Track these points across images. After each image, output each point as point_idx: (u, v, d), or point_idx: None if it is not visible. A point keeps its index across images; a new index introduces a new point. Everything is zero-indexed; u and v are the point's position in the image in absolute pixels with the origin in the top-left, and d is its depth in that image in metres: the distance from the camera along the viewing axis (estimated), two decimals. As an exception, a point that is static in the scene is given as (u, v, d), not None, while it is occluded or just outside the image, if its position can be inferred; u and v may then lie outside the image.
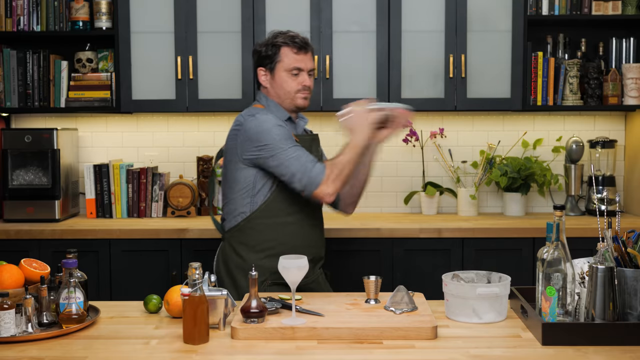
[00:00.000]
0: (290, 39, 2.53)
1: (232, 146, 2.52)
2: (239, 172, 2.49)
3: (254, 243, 2.50)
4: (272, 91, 2.57)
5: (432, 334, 1.88)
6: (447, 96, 3.61)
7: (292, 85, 2.53)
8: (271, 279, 2.46)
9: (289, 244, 2.48)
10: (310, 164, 2.39)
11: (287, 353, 1.78)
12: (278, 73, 2.54)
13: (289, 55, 2.53)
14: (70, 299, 1.94)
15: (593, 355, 1.74)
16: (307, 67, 2.55)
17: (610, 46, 3.76)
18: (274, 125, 2.45)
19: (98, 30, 3.68)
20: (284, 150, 2.41)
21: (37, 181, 3.63)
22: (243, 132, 2.47)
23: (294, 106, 2.56)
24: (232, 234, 2.54)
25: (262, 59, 2.56)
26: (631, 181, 3.86)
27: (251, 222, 2.50)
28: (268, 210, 2.49)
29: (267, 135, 2.43)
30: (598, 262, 1.87)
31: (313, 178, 2.37)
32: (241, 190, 2.50)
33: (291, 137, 2.46)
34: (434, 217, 3.76)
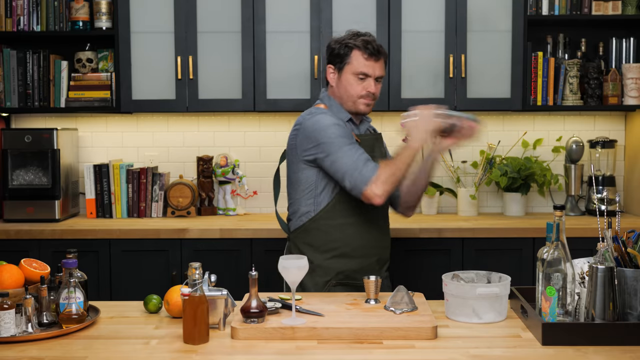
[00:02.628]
0: (363, 43, 2.48)
1: (292, 146, 2.51)
2: (300, 173, 2.49)
3: (319, 244, 2.49)
4: (337, 91, 2.53)
5: (432, 334, 1.88)
6: (447, 96, 3.61)
7: (356, 89, 2.49)
8: (336, 279, 2.47)
9: (354, 244, 2.47)
10: (362, 162, 2.35)
11: (287, 353, 1.78)
12: (345, 74, 2.50)
13: (359, 59, 2.48)
14: (70, 299, 1.94)
15: (593, 355, 1.74)
16: (376, 74, 2.49)
17: (610, 46, 3.76)
18: (331, 123, 2.42)
19: (98, 30, 3.68)
20: (339, 149, 2.37)
21: (37, 181, 3.63)
22: (302, 132, 2.46)
23: (355, 110, 2.52)
24: (297, 234, 2.53)
25: (333, 56, 2.53)
26: (631, 181, 3.86)
27: (316, 223, 2.49)
28: (333, 211, 2.47)
29: (324, 133, 2.40)
30: (598, 262, 1.86)
31: (363, 177, 2.33)
32: (304, 191, 2.49)
33: (349, 136, 2.43)
34: (434, 217, 3.77)
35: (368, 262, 2.51)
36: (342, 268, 2.47)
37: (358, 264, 2.49)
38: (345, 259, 2.48)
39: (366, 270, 2.46)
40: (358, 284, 2.45)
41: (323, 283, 2.47)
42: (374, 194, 2.32)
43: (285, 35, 3.61)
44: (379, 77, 2.52)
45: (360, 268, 2.48)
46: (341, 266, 2.47)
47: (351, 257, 2.48)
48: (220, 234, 3.38)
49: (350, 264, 2.48)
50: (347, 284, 2.48)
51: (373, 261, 2.52)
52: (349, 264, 2.47)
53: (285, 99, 3.62)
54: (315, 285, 2.46)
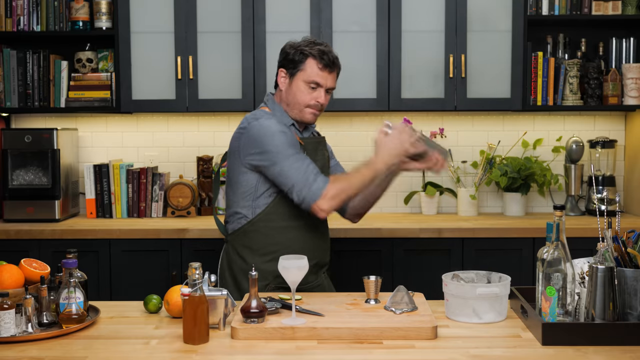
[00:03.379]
0: (319, 52, 2.45)
1: (234, 148, 2.48)
2: (241, 176, 2.46)
3: (257, 247, 2.47)
4: (285, 96, 2.51)
5: (432, 334, 1.88)
6: (447, 96, 3.61)
7: (305, 98, 2.46)
8: (274, 283, 2.44)
9: (293, 247, 2.44)
10: (312, 176, 2.33)
11: (287, 353, 1.78)
12: (297, 81, 2.47)
13: (313, 68, 2.45)
14: (70, 299, 1.94)
15: (593, 355, 1.74)
16: (327, 84, 2.47)
17: (610, 46, 3.76)
18: (278, 131, 2.39)
19: (98, 30, 3.68)
20: (286, 159, 2.35)
21: (37, 181, 3.63)
22: (246, 136, 2.43)
23: (300, 118, 2.50)
24: (235, 237, 2.52)
25: (287, 61, 2.50)
26: (631, 181, 3.86)
27: (254, 226, 2.47)
28: (271, 214, 2.46)
29: (270, 140, 2.38)
30: (598, 262, 1.86)
31: (312, 192, 2.32)
32: (244, 194, 2.47)
33: (295, 145, 2.41)
34: (434, 217, 3.77)
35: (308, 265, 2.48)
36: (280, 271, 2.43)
37: None
38: None
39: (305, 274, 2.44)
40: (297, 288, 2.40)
41: (261, 287, 2.42)
42: (319, 209, 2.33)
43: (285, 35, 3.56)
44: (329, 89, 2.49)
45: None
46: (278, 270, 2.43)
47: None
48: (220, 234, 3.37)
49: None
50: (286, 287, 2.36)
51: (312, 265, 2.46)
52: None
53: (285, 99, 3.61)
54: None
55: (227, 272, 2.55)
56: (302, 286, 2.31)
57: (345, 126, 3.92)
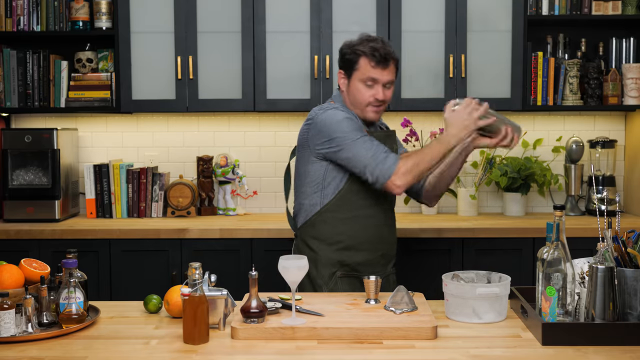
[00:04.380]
0: (371, 50, 2.45)
1: (303, 140, 2.52)
2: (309, 166, 2.49)
3: (325, 236, 2.50)
4: (347, 97, 2.54)
5: (432, 334, 1.88)
6: (447, 96, 3.60)
7: (365, 97, 2.47)
8: (341, 271, 2.49)
9: (360, 238, 2.48)
10: (383, 154, 2.36)
11: (287, 353, 1.78)
12: (354, 81, 2.48)
13: (366, 67, 2.45)
14: (70, 299, 1.94)
15: (593, 355, 1.74)
16: (384, 79, 2.47)
17: (610, 46, 3.76)
18: (344, 117, 2.42)
19: (98, 30, 3.68)
20: (354, 142, 2.38)
21: (37, 181, 3.63)
22: (314, 126, 2.47)
23: (363, 117, 2.51)
24: (304, 229, 2.55)
25: (343, 62, 2.52)
26: (631, 181, 3.86)
27: (322, 216, 2.50)
28: (339, 204, 2.48)
29: (336, 127, 2.41)
30: (598, 262, 1.86)
31: (385, 170, 2.34)
32: (311, 184, 2.50)
33: (362, 129, 2.43)
34: (434, 217, 3.76)
35: (373, 256, 2.52)
36: (348, 261, 2.49)
37: (363, 257, 2.50)
38: (351, 252, 2.49)
39: (371, 264, 2.48)
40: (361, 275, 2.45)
41: (329, 275, 2.48)
42: (394, 185, 2.35)
43: (285, 35, 3.61)
44: (387, 83, 2.49)
45: (365, 261, 2.50)
46: (346, 259, 2.49)
47: (357, 250, 2.49)
48: (220, 234, 3.38)
49: (356, 257, 2.49)
50: (353, 276, 2.49)
51: (378, 255, 2.53)
52: (354, 257, 2.49)
53: (285, 99, 3.62)
54: (321, 277, 2.47)
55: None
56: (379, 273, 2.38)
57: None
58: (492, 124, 2.37)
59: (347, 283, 2.48)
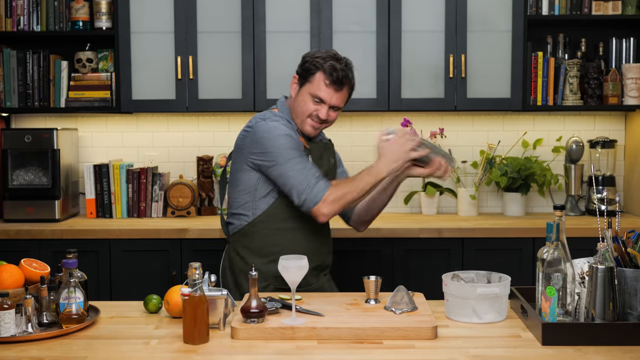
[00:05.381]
0: (330, 68, 2.41)
1: (239, 147, 2.49)
2: (242, 174, 2.46)
3: (257, 248, 2.47)
4: (292, 103, 2.51)
5: (432, 334, 1.88)
6: (447, 96, 3.61)
7: (308, 109, 2.44)
8: (275, 284, 2.44)
9: (292, 249, 2.41)
10: (313, 179, 2.32)
11: (287, 353, 1.78)
12: (303, 91, 2.45)
13: (319, 83, 2.42)
14: (70, 299, 1.94)
15: (593, 355, 1.74)
16: (332, 102, 2.43)
17: (610, 46, 3.76)
18: (283, 134, 2.38)
19: (98, 30, 3.68)
20: (288, 161, 2.34)
21: (37, 181, 3.63)
22: (252, 135, 2.43)
23: (301, 129, 2.48)
24: (236, 237, 2.51)
25: (301, 69, 2.48)
26: (631, 181, 3.86)
27: (255, 227, 2.46)
28: (271, 216, 2.45)
29: (274, 142, 2.37)
30: (598, 262, 1.86)
31: (313, 196, 2.31)
32: (243, 191, 2.46)
33: (299, 148, 2.39)
34: (434, 217, 3.77)
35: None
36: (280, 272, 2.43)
37: None
38: None
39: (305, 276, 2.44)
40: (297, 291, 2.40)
41: (261, 288, 2.42)
42: (320, 213, 2.32)
43: (285, 35, 3.61)
44: (334, 107, 2.45)
45: None
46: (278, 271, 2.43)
47: None
48: (220, 234, 3.37)
49: None
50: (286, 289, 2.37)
51: (311, 267, 2.46)
52: None
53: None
54: None
55: (228, 272, 2.55)
56: (302, 288, 2.31)
57: (346, 126, 3.92)
58: (425, 155, 2.34)
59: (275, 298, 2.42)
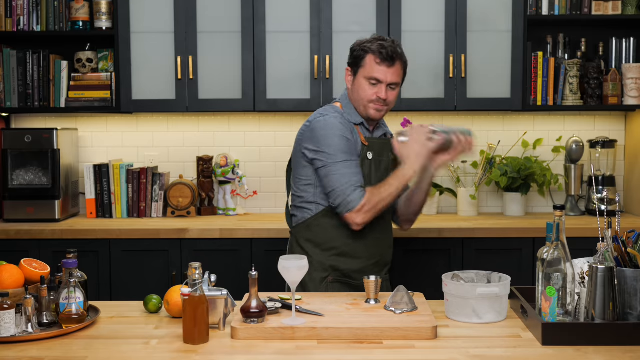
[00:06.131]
0: (378, 47, 2.45)
1: (299, 141, 2.53)
2: (302, 169, 2.50)
3: (320, 241, 2.50)
4: (351, 94, 2.53)
5: (432, 334, 1.88)
6: (447, 96, 3.61)
7: (367, 94, 2.47)
8: (334, 276, 2.48)
9: (354, 245, 2.48)
10: (351, 187, 2.37)
11: (287, 353, 1.78)
12: (359, 78, 2.49)
13: (371, 64, 2.45)
14: (70, 299, 1.94)
15: (593, 355, 1.74)
16: (388, 80, 2.46)
17: (610, 46, 3.76)
18: (339, 134, 2.43)
19: (98, 30, 3.68)
20: (335, 164, 2.40)
21: (37, 181, 3.63)
22: (310, 129, 2.48)
23: (365, 115, 2.51)
24: (299, 230, 2.55)
25: (352, 59, 2.52)
26: (631, 181, 3.86)
27: (317, 221, 2.50)
28: (334, 210, 2.47)
29: (328, 141, 2.42)
30: (598, 262, 1.86)
31: (347, 203, 2.37)
32: (306, 187, 2.50)
33: (351, 151, 2.43)
34: (434, 217, 3.76)
35: (367, 263, 2.51)
36: (341, 267, 2.48)
37: (357, 264, 2.49)
38: (345, 258, 2.49)
39: (365, 272, 2.46)
40: (356, 283, 2.46)
41: (320, 279, 2.48)
42: (353, 222, 2.40)
43: (285, 35, 3.61)
44: (392, 84, 2.48)
45: (358, 269, 2.49)
46: (340, 265, 2.48)
47: (350, 257, 2.49)
48: (220, 234, 3.38)
49: (349, 264, 2.48)
50: (345, 282, 2.49)
51: (372, 263, 2.52)
52: (347, 264, 2.48)
53: (285, 99, 3.62)
54: (312, 281, 2.46)
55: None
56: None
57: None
58: (443, 141, 2.36)
59: (338, 288, 2.46)
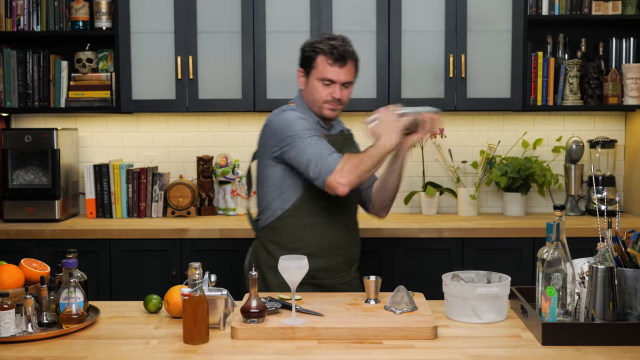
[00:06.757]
0: (329, 47, 2.45)
1: (261, 144, 2.53)
2: (267, 170, 2.49)
3: (284, 242, 2.48)
4: (305, 95, 2.54)
5: (432, 334, 1.88)
6: (447, 96, 3.61)
7: (321, 95, 2.47)
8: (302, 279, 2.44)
9: (320, 244, 2.46)
10: (327, 152, 2.35)
11: (287, 353, 1.78)
12: (311, 79, 2.49)
13: (324, 65, 2.45)
14: (70, 299, 1.94)
15: (593, 355, 1.74)
16: (341, 79, 2.47)
17: (610, 46, 3.76)
18: (297, 117, 2.43)
19: (98, 30, 3.68)
20: (303, 140, 2.37)
21: (37, 181, 3.63)
22: (269, 129, 2.48)
23: (320, 115, 2.52)
24: (264, 232, 2.54)
25: (302, 59, 2.52)
26: (631, 181, 3.86)
27: (283, 221, 2.48)
28: (299, 210, 2.47)
29: (289, 127, 2.41)
30: (598, 262, 1.87)
31: (327, 165, 2.32)
32: (270, 188, 2.49)
33: (315, 129, 2.42)
34: (434, 217, 3.76)
35: (334, 261, 2.50)
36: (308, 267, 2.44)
37: (324, 262, 2.47)
38: (312, 259, 2.39)
39: (333, 270, 2.45)
40: (324, 283, 2.45)
41: None
42: (337, 183, 2.30)
43: (285, 35, 3.61)
44: (345, 83, 2.49)
45: (326, 267, 2.47)
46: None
47: (317, 257, 2.44)
48: (220, 234, 3.38)
49: (317, 263, 2.42)
50: (313, 283, 2.45)
51: (340, 261, 2.51)
52: (315, 263, 2.37)
53: (285, 99, 3.57)
54: (280, 285, 2.40)
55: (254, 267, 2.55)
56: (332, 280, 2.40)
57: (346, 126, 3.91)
58: (413, 119, 2.39)
59: (308, 290, 2.40)
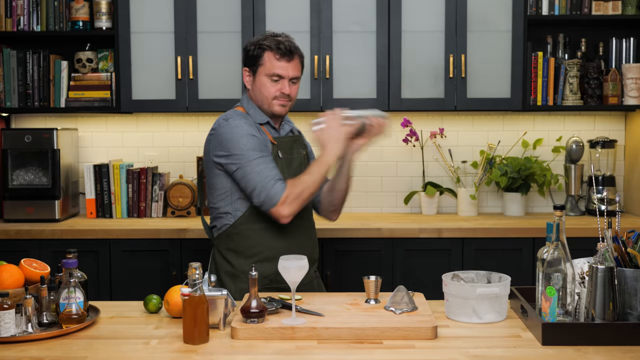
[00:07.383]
0: (275, 43, 2.45)
1: (206, 151, 2.49)
2: (215, 179, 2.46)
3: (242, 249, 2.46)
4: (253, 94, 2.51)
5: (432, 334, 1.88)
6: (447, 96, 3.61)
7: (270, 91, 2.46)
8: (261, 284, 2.42)
9: (277, 248, 2.43)
10: (271, 181, 2.34)
11: (287, 353, 1.78)
12: (259, 77, 2.47)
13: (271, 61, 2.45)
14: (70, 299, 1.94)
15: (593, 355, 1.74)
16: (289, 74, 2.46)
17: (610, 46, 3.76)
18: (245, 134, 2.40)
19: (98, 30, 3.68)
20: (249, 162, 2.36)
21: (37, 181, 3.63)
22: (216, 137, 2.44)
23: (270, 112, 2.50)
24: (220, 240, 2.51)
25: (248, 58, 2.51)
26: (631, 181, 3.86)
27: (237, 228, 2.46)
28: (252, 216, 2.44)
29: (236, 144, 2.39)
30: (598, 262, 1.87)
31: (271, 197, 2.33)
32: (221, 196, 2.46)
33: (262, 148, 2.41)
34: (434, 217, 3.76)
35: None
36: (267, 272, 2.42)
37: None
38: (269, 263, 2.41)
39: None
40: (283, 287, 2.36)
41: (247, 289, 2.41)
42: (280, 215, 2.34)
43: (285, 35, 3.60)
44: (293, 78, 2.48)
45: None
46: (265, 270, 2.41)
47: (275, 261, 2.34)
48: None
49: (275, 268, 2.33)
50: (273, 287, 2.42)
51: None
52: (273, 268, 2.36)
53: (285, 99, 3.61)
54: (240, 292, 2.38)
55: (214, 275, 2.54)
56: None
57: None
58: (358, 124, 2.39)
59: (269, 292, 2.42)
